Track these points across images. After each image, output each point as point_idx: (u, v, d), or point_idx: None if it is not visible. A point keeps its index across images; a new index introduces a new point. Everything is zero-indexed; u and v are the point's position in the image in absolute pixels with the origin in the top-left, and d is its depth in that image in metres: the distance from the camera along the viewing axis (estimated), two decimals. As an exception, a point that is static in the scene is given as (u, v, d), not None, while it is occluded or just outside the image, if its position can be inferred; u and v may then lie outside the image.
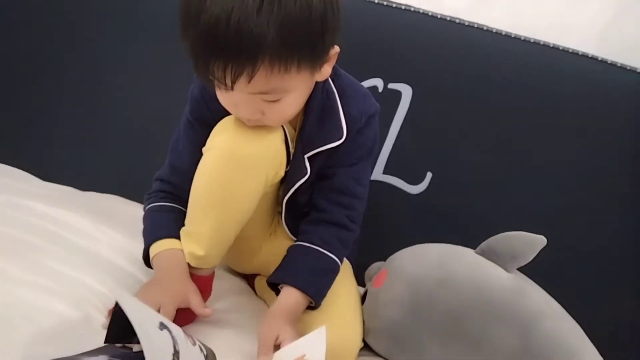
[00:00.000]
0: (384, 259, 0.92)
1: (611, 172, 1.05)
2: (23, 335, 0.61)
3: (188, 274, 0.77)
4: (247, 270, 0.95)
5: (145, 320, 0.56)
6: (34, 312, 0.65)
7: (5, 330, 0.60)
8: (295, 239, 0.86)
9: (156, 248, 0.78)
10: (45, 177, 1.09)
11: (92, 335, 0.66)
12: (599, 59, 1.05)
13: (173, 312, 0.71)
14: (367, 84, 1.05)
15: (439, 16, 1.07)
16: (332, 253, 0.79)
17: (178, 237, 0.78)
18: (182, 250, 0.77)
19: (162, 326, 0.58)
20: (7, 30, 1.16)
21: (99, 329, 0.68)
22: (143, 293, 0.73)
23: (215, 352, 0.72)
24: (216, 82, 0.67)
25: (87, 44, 1.15)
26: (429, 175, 1.07)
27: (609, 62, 1.05)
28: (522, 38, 1.06)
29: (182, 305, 0.74)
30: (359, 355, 0.83)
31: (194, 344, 0.64)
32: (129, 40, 1.14)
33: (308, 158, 0.79)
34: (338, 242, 0.81)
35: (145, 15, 1.13)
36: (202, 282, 0.79)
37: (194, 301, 0.74)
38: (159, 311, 0.70)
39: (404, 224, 1.06)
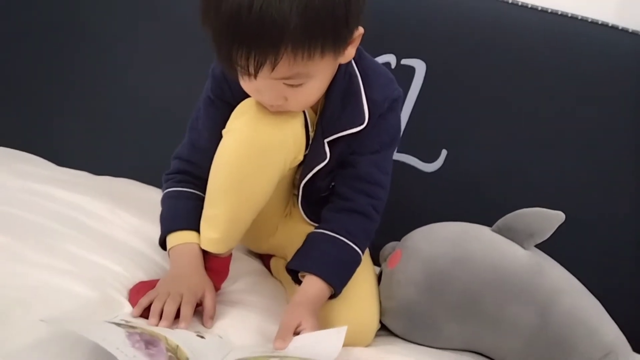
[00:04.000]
0: (399, 239, 0.92)
1: (634, 146, 1.02)
2: (42, 317, 0.61)
3: (204, 270, 0.77)
4: (263, 250, 0.96)
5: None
6: (53, 294, 0.66)
7: (23, 313, 0.61)
8: (310, 221, 0.86)
9: (173, 240, 0.78)
10: (60, 162, 1.10)
11: (112, 315, 0.67)
12: (619, 28, 1.02)
13: (194, 302, 0.72)
14: (379, 60, 1.03)
15: (452, -12, 1.04)
16: (356, 245, 0.79)
17: (194, 229, 0.78)
18: (198, 244, 0.78)
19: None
20: (20, 19, 1.16)
21: (117, 308, 0.69)
22: (164, 284, 0.73)
23: (231, 331, 0.73)
24: (239, 70, 0.66)
25: (99, 29, 1.15)
26: (444, 152, 1.05)
27: (630, 30, 1.02)
28: (539, 8, 1.03)
29: (198, 300, 0.73)
30: (376, 335, 0.83)
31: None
32: (141, 24, 1.13)
33: (328, 143, 0.78)
34: (362, 234, 0.80)
35: (157, 1, 1.12)
36: (220, 264, 0.80)
37: (208, 300, 0.73)
38: (181, 299, 0.70)
39: (418, 203, 1.05)
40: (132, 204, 0.92)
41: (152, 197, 0.98)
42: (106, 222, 0.86)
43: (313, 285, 0.76)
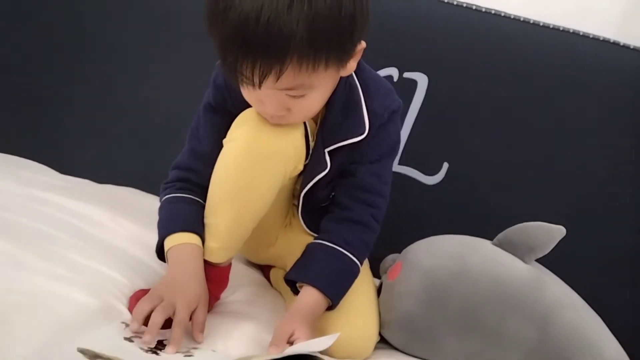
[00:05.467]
0: (399, 251, 0.92)
1: (634, 161, 1.02)
2: (43, 324, 0.62)
3: (203, 273, 0.75)
4: (262, 260, 0.96)
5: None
6: (54, 301, 0.66)
7: (25, 319, 0.61)
8: (310, 231, 0.86)
9: (171, 241, 0.76)
10: (63, 170, 1.11)
11: (111, 322, 0.67)
12: (621, 44, 1.03)
13: (187, 319, 0.69)
14: (382, 73, 1.04)
15: (454, 2, 1.05)
16: (354, 256, 0.79)
17: (194, 231, 0.76)
18: (197, 245, 0.76)
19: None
20: (24, 26, 1.17)
21: (117, 316, 0.69)
22: (160, 290, 0.71)
23: (229, 341, 0.73)
24: (242, 79, 0.67)
25: (103, 38, 1.16)
26: (446, 165, 1.05)
27: (632, 47, 1.03)
28: (541, 24, 1.04)
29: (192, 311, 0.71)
30: (375, 348, 0.83)
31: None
32: (144, 34, 1.15)
33: (328, 152, 0.78)
34: (361, 244, 0.80)
35: (160, 10, 1.13)
36: (219, 274, 0.79)
37: (198, 314, 0.71)
38: (173, 309, 0.69)
39: (419, 215, 1.05)
40: (134, 213, 0.93)
41: (154, 206, 0.97)
42: (108, 230, 0.86)
43: (310, 296, 0.76)
